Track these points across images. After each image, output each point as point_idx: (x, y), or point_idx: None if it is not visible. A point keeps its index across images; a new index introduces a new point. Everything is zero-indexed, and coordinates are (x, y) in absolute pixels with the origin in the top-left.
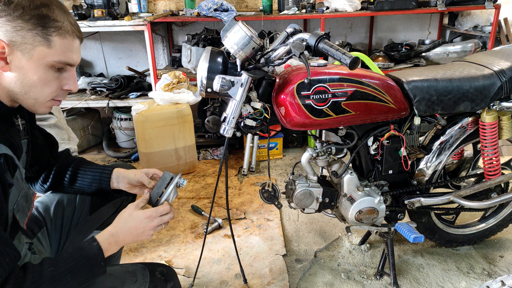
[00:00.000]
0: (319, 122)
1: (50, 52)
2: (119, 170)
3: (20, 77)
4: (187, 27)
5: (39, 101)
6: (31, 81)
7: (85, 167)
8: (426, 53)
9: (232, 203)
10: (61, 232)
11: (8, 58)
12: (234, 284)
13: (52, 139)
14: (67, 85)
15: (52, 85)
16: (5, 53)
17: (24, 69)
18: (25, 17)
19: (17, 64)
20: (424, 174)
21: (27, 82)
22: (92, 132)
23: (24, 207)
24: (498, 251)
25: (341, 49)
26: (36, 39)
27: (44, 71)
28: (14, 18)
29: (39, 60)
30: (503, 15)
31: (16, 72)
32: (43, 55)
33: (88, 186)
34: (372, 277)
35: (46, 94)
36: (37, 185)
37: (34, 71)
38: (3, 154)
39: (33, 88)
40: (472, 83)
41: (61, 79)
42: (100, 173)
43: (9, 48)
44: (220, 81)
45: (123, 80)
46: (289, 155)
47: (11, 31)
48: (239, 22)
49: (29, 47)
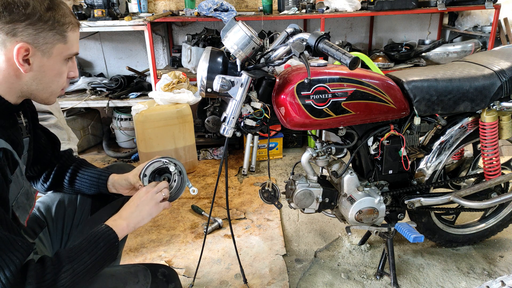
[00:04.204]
0: (319, 122)
1: (66, 47)
2: (114, 177)
3: (39, 75)
4: (187, 27)
5: (54, 93)
6: (50, 77)
7: (84, 169)
8: (426, 53)
9: (232, 203)
10: (62, 232)
11: (30, 60)
12: (234, 284)
13: (54, 138)
14: (72, 73)
15: (64, 76)
16: (28, 55)
17: (44, 67)
18: (44, 19)
19: (38, 63)
20: (424, 174)
21: (46, 79)
22: (92, 132)
23: (25, 205)
24: (498, 251)
25: (341, 49)
26: (56, 37)
27: (60, 65)
28: (35, 21)
29: (57, 56)
30: (503, 15)
31: (37, 71)
32: (60, 51)
33: (87, 189)
34: (372, 277)
35: (60, 85)
36: (38, 184)
37: (52, 67)
38: (3, 149)
39: (50, 83)
40: (472, 83)
41: (68, 68)
42: (97, 178)
43: (32, 50)
44: (220, 81)
45: (123, 80)
46: (289, 155)
47: (34, 33)
48: (239, 22)
49: (49, 46)
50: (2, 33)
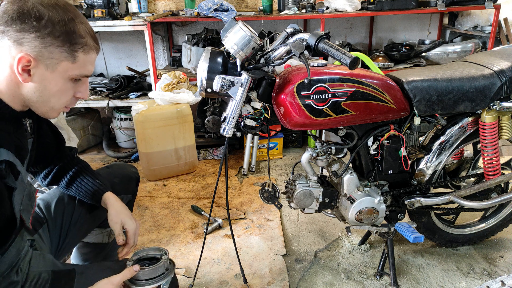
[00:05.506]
0: (319, 122)
1: (73, 66)
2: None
3: (40, 88)
4: (187, 27)
5: (54, 108)
6: (51, 92)
7: (83, 177)
8: (426, 53)
9: (232, 203)
10: (61, 229)
11: (31, 71)
12: (234, 284)
13: (60, 137)
14: (80, 93)
15: (68, 95)
16: (30, 66)
17: (46, 81)
18: (55, 34)
19: (40, 76)
20: (424, 174)
21: (47, 92)
22: (92, 132)
23: (28, 206)
24: (498, 251)
25: (341, 49)
26: (63, 55)
27: (63, 83)
28: (44, 35)
29: (61, 73)
30: (503, 15)
31: (37, 83)
32: (66, 69)
33: (81, 197)
34: (372, 277)
35: (62, 103)
36: (39, 178)
37: (55, 83)
38: (5, 161)
39: (51, 98)
40: (472, 83)
41: (76, 88)
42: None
43: (35, 62)
44: (220, 81)
45: (123, 80)
46: (289, 155)
47: (40, 46)
48: (239, 22)
49: (55, 62)
50: (10, 39)
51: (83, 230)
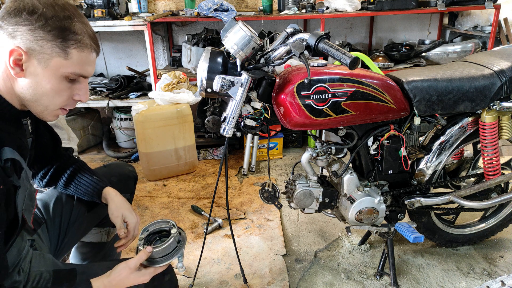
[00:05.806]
0: (319, 122)
1: (66, 63)
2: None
3: (33, 84)
4: (187, 27)
5: (49, 109)
6: (44, 89)
7: (82, 175)
8: (426, 53)
9: (232, 203)
10: (60, 228)
11: (24, 65)
12: (234, 284)
13: (56, 137)
14: (78, 96)
15: (63, 95)
16: (22, 60)
17: (38, 77)
18: (47, 28)
19: (32, 72)
20: (424, 174)
21: (40, 90)
22: (92, 132)
23: (29, 206)
24: (498, 251)
25: (341, 49)
26: (54, 50)
27: (57, 81)
28: (36, 28)
29: (54, 70)
30: (503, 15)
31: (30, 79)
32: (58, 66)
33: (81, 195)
34: (372, 277)
35: (56, 103)
36: (36, 180)
37: (47, 80)
38: (11, 159)
39: (44, 96)
40: (472, 83)
41: (73, 90)
42: (92, 189)
43: (26, 55)
44: (220, 81)
45: (123, 80)
46: (289, 155)
47: (31, 40)
48: (239, 22)
49: (46, 57)
50: (5, 33)
51: (82, 229)
